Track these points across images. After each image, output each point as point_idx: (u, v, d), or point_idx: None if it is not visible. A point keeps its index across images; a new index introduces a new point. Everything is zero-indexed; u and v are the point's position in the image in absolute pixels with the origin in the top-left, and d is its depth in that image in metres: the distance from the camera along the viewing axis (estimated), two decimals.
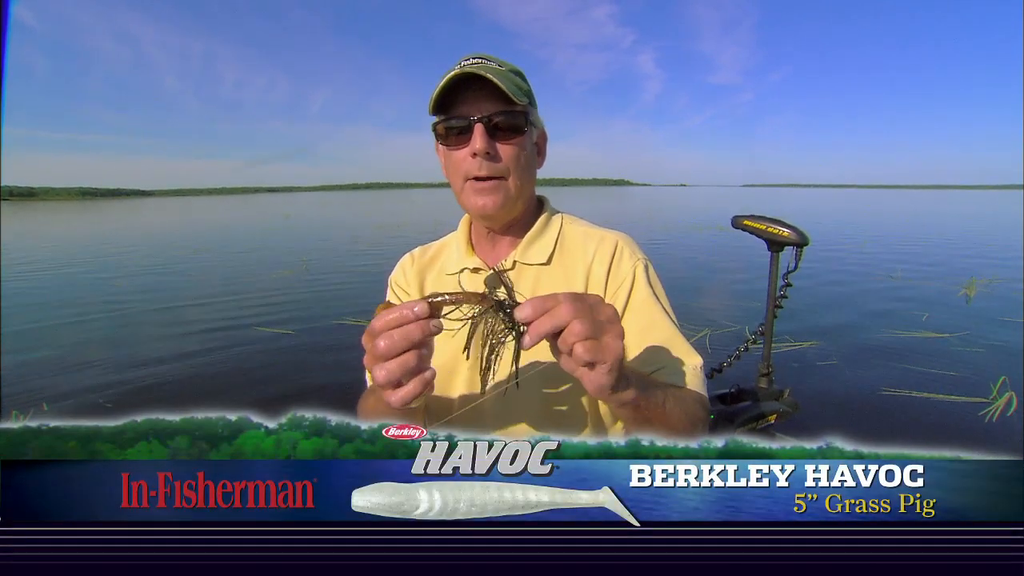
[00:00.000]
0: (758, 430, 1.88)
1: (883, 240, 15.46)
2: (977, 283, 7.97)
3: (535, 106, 0.85)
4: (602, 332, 0.54)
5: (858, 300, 7.23)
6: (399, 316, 0.56)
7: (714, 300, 6.85)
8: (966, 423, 3.58)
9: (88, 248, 16.37)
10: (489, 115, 0.77)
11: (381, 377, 0.56)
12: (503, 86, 0.74)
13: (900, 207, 42.14)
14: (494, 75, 0.75)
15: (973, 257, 11.71)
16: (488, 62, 0.80)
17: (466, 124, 0.77)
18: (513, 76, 0.80)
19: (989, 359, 4.73)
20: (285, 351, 5.27)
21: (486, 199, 0.81)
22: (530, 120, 0.82)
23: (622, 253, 0.87)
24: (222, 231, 23.07)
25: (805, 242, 1.82)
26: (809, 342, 5.16)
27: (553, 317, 0.53)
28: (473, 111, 0.77)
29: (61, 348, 5.50)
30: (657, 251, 12.77)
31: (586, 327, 0.53)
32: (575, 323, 0.53)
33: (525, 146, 0.81)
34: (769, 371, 2.02)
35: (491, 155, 0.78)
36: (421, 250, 0.99)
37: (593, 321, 0.54)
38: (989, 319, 6.09)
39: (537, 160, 0.88)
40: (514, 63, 0.81)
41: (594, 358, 0.54)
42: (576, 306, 0.53)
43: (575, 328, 0.53)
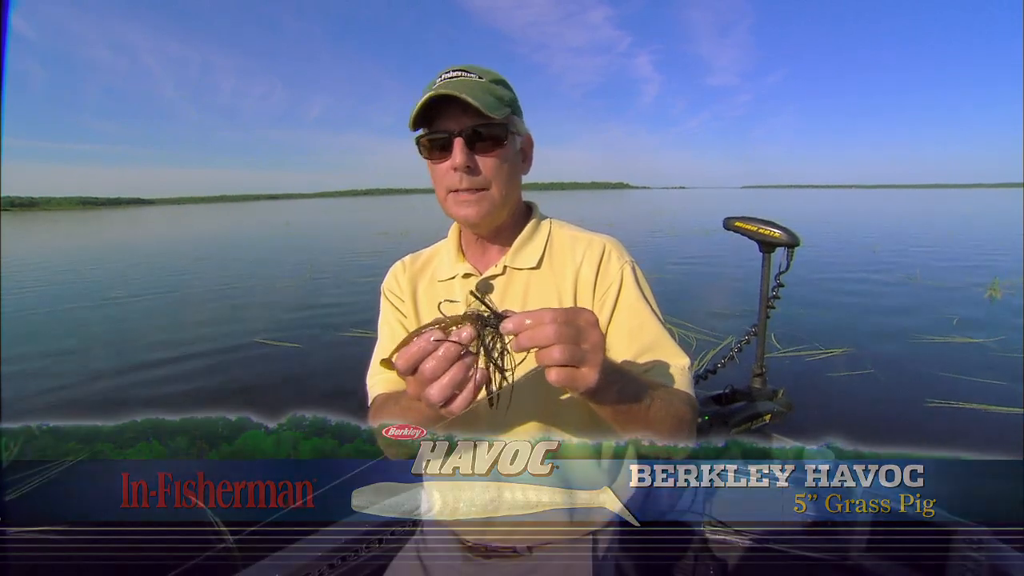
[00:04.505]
0: (753, 430, 1.88)
1: (894, 241, 15.12)
2: (1000, 284, 7.73)
3: (520, 113, 0.86)
4: (583, 361, 0.55)
5: (881, 303, 7.03)
6: (421, 348, 0.56)
7: (738, 305, 6.63)
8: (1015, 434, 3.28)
9: (87, 258, 16.33)
10: (468, 129, 0.78)
11: (436, 396, 0.56)
12: (477, 104, 0.75)
13: (903, 207, 41.54)
14: (470, 92, 0.76)
15: (985, 255, 11.54)
16: (468, 75, 0.81)
17: (446, 138, 0.79)
18: (494, 87, 0.81)
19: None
20: (290, 363, 5.16)
21: (468, 210, 0.82)
22: (511, 130, 0.83)
23: (610, 256, 0.88)
24: (223, 239, 23.06)
25: (796, 243, 1.82)
26: (840, 349, 4.95)
27: (534, 337, 0.54)
28: (453, 125, 0.79)
29: (60, 359, 5.46)
30: (661, 251, 12.76)
31: (564, 355, 0.54)
32: (555, 349, 0.53)
33: (507, 156, 0.82)
34: (763, 371, 2.02)
35: (471, 168, 0.80)
36: (412, 258, 1.00)
37: (576, 348, 0.54)
38: (1020, 323, 5.75)
39: (523, 166, 0.89)
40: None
41: (567, 386, 0.55)
42: (560, 331, 0.53)
43: (554, 354, 0.53)
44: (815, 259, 10.72)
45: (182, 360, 5.27)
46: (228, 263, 13.58)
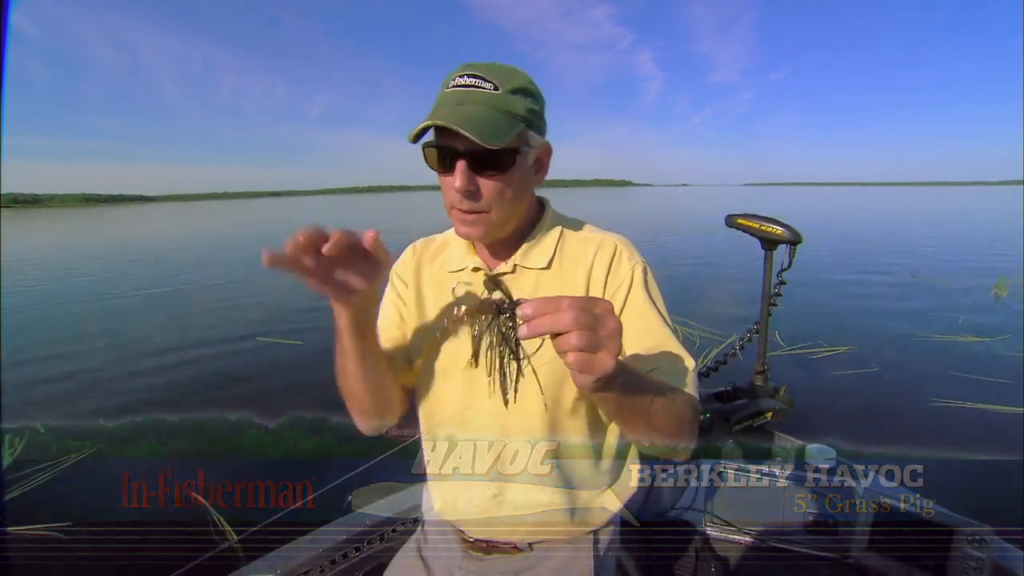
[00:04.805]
0: (755, 428, 1.87)
1: (896, 239, 15.02)
2: (1006, 282, 7.66)
3: (539, 123, 0.82)
4: (599, 347, 0.54)
5: (885, 301, 6.95)
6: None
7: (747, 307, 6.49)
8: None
9: (89, 256, 16.34)
10: (471, 152, 0.75)
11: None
12: (475, 138, 0.71)
13: (905, 205, 41.19)
14: (474, 120, 0.72)
15: (990, 254, 11.48)
16: (483, 83, 0.76)
17: (450, 153, 0.76)
18: (510, 100, 0.76)
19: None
20: (295, 361, 5.13)
21: (468, 229, 0.81)
22: (522, 151, 0.78)
23: (621, 255, 0.87)
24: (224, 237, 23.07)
25: (798, 240, 1.82)
26: (844, 347, 4.90)
27: (554, 321, 0.53)
28: (458, 143, 0.74)
29: (59, 360, 5.46)
30: (665, 249, 12.71)
31: (583, 341, 0.53)
32: (573, 335, 0.53)
33: (511, 181, 0.79)
34: (764, 368, 2.01)
35: (472, 193, 0.77)
36: (424, 242, 0.98)
37: (593, 335, 0.54)
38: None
39: (536, 178, 0.86)
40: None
41: (584, 370, 0.54)
42: (579, 317, 0.53)
43: (572, 340, 0.53)
44: (819, 257, 10.69)
45: (182, 361, 5.27)
46: (228, 262, 13.58)
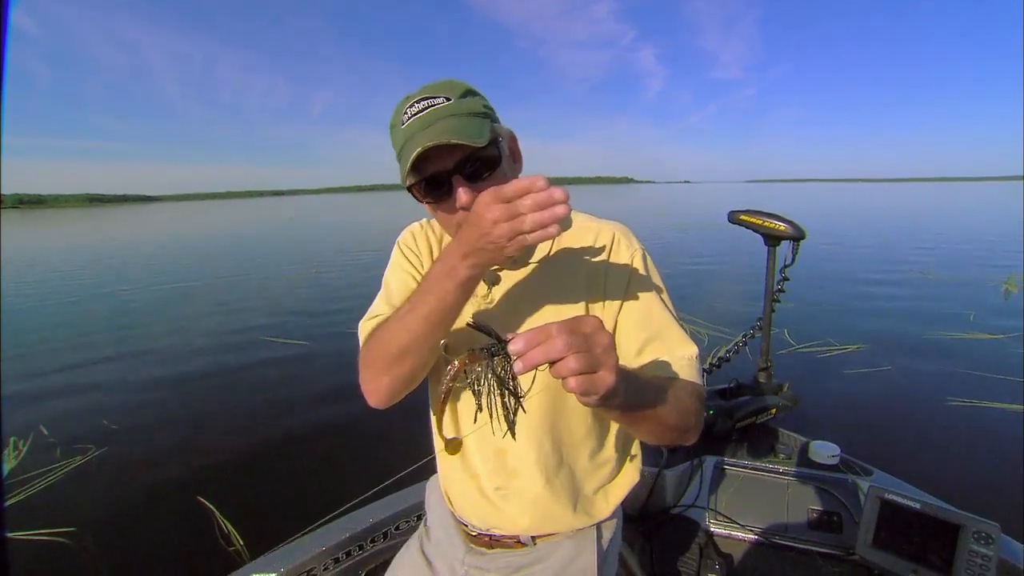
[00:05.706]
0: (758, 424, 1.87)
1: (903, 235, 14.84)
2: (1016, 279, 7.56)
3: (496, 116, 0.80)
4: (598, 366, 0.54)
5: (895, 299, 6.88)
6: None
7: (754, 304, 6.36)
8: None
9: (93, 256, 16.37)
10: (462, 164, 0.73)
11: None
12: (467, 141, 0.69)
13: (908, 201, 40.93)
14: (455, 128, 0.70)
15: (998, 250, 11.37)
16: (435, 100, 0.74)
17: (440, 176, 0.74)
18: (468, 103, 0.75)
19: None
20: (296, 361, 5.09)
21: None
22: (499, 144, 0.77)
23: (619, 243, 0.87)
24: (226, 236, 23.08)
25: (801, 236, 1.80)
26: (855, 345, 4.85)
27: (547, 350, 0.53)
28: (445, 163, 0.72)
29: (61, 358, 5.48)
30: (669, 246, 12.65)
31: (581, 363, 0.53)
32: (570, 359, 0.53)
33: (503, 176, 0.77)
34: (768, 365, 2.00)
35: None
36: (431, 223, 0.97)
37: (589, 355, 0.54)
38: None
39: (515, 167, 0.84)
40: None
41: (587, 392, 0.54)
42: (570, 341, 0.53)
43: (570, 364, 0.53)
44: (825, 255, 10.64)
45: (184, 359, 5.30)
46: (229, 260, 13.61)
